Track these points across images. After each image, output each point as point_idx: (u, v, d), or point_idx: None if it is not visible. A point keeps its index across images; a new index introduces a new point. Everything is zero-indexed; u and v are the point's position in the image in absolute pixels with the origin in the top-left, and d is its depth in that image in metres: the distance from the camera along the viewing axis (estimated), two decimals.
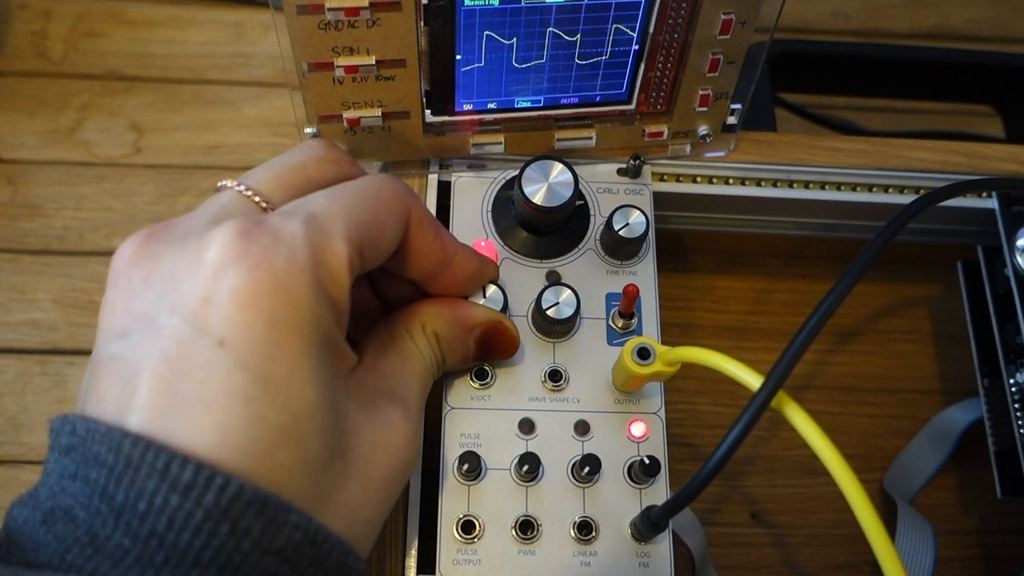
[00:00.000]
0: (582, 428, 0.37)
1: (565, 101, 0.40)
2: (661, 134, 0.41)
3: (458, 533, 0.34)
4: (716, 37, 0.36)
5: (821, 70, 0.55)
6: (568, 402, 0.37)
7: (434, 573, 0.34)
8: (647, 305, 0.39)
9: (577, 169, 0.38)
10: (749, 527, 0.48)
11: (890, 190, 0.45)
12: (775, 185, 0.44)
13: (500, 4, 0.35)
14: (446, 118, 0.39)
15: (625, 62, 0.38)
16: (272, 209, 0.28)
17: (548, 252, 0.40)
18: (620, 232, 0.38)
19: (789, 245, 0.53)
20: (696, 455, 0.48)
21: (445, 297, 0.34)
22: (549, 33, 0.36)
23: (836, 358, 0.52)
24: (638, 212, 0.39)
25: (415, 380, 0.31)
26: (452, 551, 0.34)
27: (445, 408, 0.36)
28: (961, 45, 0.66)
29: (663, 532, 0.35)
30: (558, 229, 0.40)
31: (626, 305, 0.37)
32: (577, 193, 0.38)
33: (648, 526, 0.34)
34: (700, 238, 0.52)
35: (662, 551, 0.35)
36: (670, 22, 0.36)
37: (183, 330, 0.24)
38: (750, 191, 0.44)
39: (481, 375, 0.37)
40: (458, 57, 0.37)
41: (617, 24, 0.36)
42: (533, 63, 0.37)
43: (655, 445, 0.36)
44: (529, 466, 0.34)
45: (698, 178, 0.44)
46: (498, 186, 0.41)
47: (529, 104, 0.39)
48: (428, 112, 0.39)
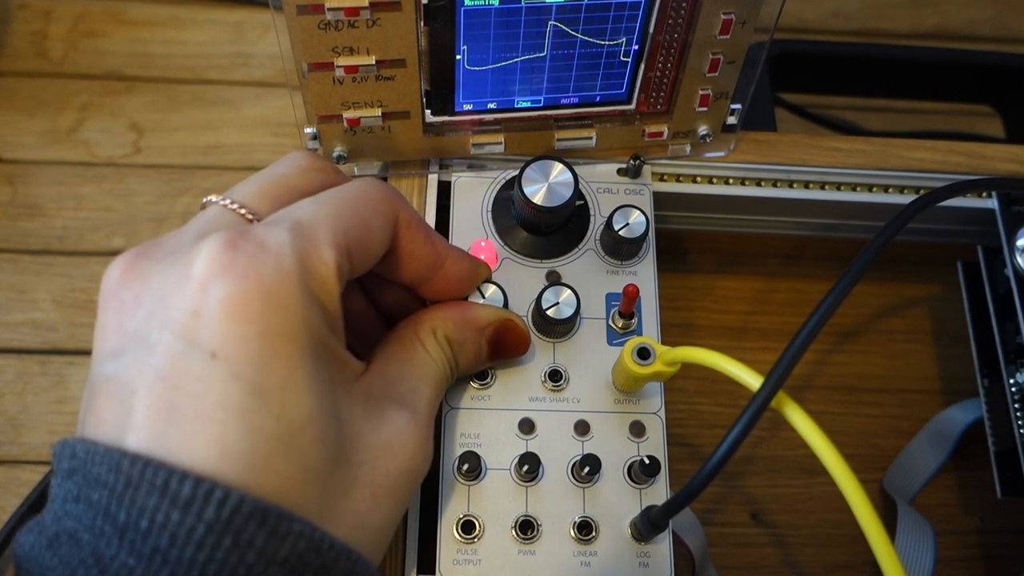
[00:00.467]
0: (582, 428, 0.37)
1: (565, 101, 0.40)
2: (661, 134, 0.41)
3: (458, 533, 0.34)
4: (716, 37, 0.37)
5: (821, 70, 0.55)
6: (568, 402, 0.37)
7: (434, 573, 0.34)
8: (647, 305, 0.39)
9: (577, 169, 0.38)
10: (749, 527, 0.48)
11: (890, 190, 0.45)
12: (775, 185, 0.44)
13: (500, 4, 0.35)
14: (446, 118, 0.39)
15: (625, 62, 0.38)
16: (258, 220, 0.28)
17: (548, 252, 0.40)
18: (620, 232, 0.38)
19: (789, 245, 0.53)
20: (696, 455, 0.48)
21: (454, 301, 0.34)
22: (549, 33, 0.36)
23: (836, 358, 0.52)
24: (638, 212, 0.39)
25: (425, 385, 0.31)
26: (452, 551, 0.34)
27: (445, 408, 0.36)
28: (961, 45, 0.66)
29: (663, 532, 0.35)
30: (558, 229, 0.40)
31: (626, 305, 0.37)
32: (577, 193, 0.38)
33: (648, 526, 0.34)
34: (700, 238, 0.52)
35: (662, 551, 0.35)
36: (670, 22, 0.36)
37: (175, 345, 0.24)
38: (750, 191, 0.44)
39: (481, 375, 0.37)
40: (458, 57, 0.37)
41: (617, 24, 0.36)
42: (533, 63, 0.37)
43: (655, 445, 0.36)
44: (529, 466, 0.34)
45: (698, 178, 0.44)
46: (498, 186, 0.41)
47: (529, 104, 0.39)
48: (428, 112, 0.39)
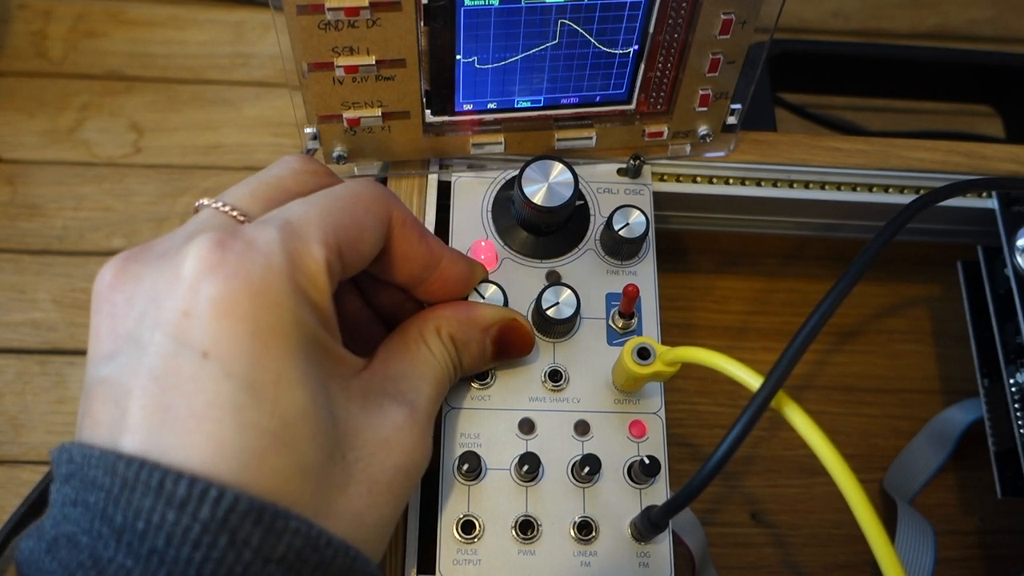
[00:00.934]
0: (582, 428, 0.37)
1: (565, 101, 0.40)
2: (661, 134, 0.41)
3: (458, 533, 0.34)
4: (716, 37, 0.36)
5: (821, 70, 0.55)
6: (568, 402, 0.37)
7: (434, 573, 0.34)
8: (647, 305, 0.39)
9: (577, 169, 0.38)
10: (749, 527, 0.48)
11: (890, 190, 0.45)
12: (775, 185, 0.44)
13: (500, 4, 0.35)
14: (446, 118, 0.39)
15: (625, 62, 0.38)
16: (250, 222, 0.28)
17: (548, 252, 0.40)
18: (620, 232, 0.38)
19: (789, 245, 0.53)
20: (696, 455, 0.48)
21: (458, 300, 0.34)
22: (549, 33, 0.36)
23: (836, 358, 0.52)
24: (638, 212, 0.39)
25: (425, 383, 0.31)
26: (452, 551, 0.34)
27: (445, 408, 0.36)
28: (961, 45, 0.66)
29: (663, 532, 0.35)
30: (558, 229, 0.40)
31: (626, 305, 0.37)
32: (577, 193, 0.38)
33: (648, 526, 0.34)
34: (700, 238, 0.52)
35: (662, 551, 0.35)
36: (670, 22, 0.36)
37: (167, 345, 0.24)
38: (750, 191, 0.44)
39: (481, 375, 0.37)
40: (458, 57, 0.37)
41: (617, 24, 0.36)
42: (533, 63, 0.37)
43: (655, 445, 0.36)
44: (529, 466, 0.34)
45: (698, 178, 0.44)
46: (498, 186, 0.41)
47: (529, 104, 0.39)
48: (428, 112, 0.39)
